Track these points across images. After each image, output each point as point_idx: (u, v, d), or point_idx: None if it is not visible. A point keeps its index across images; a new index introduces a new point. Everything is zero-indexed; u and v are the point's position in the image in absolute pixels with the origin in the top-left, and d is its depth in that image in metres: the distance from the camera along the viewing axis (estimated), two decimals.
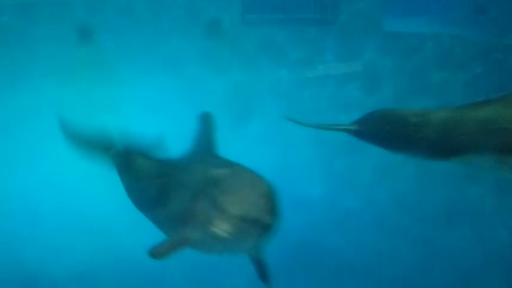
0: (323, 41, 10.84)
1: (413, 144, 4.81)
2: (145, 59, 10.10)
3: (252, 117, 9.97)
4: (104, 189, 6.80)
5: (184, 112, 6.21)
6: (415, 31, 10.97)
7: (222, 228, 3.78)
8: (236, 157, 4.52)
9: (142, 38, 10.36)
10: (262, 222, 3.68)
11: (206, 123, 5.42)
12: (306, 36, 10.90)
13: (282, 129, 8.43)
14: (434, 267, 7.89)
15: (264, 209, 3.72)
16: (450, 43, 10.62)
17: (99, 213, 7.96)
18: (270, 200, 3.80)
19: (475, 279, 7.57)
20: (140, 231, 5.37)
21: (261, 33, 10.70)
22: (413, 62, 10.54)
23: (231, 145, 5.10)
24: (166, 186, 4.85)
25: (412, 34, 10.83)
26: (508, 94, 4.46)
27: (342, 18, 10.93)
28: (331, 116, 9.58)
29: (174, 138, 5.12)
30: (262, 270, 4.84)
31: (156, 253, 4.11)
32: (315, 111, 10.17)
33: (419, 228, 8.68)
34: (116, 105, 9.28)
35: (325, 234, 8.38)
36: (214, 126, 5.37)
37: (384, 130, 4.96)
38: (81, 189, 8.45)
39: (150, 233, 4.80)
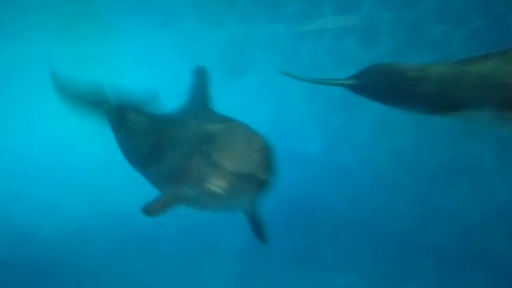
0: None
1: (411, 99, 4.75)
2: (139, 13, 9.94)
3: (248, 71, 9.86)
4: (97, 145, 6.76)
5: (179, 66, 6.11)
6: None
7: (217, 184, 3.73)
8: (231, 112, 4.45)
9: None
10: (257, 179, 3.63)
11: (201, 77, 5.35)
12: None
13: (278, 84, 8.37)
14: (431, 224, 7.92)
15: (259, 165, 3.66)
16: None
17: (92, 170, 7.94)
18: (266, 156, 3.74)
19: (473, 236, 7.60)
20: (134, 188, 5.33)
21: None
22: (412, 15, 10.36)
23: (226, 100, 5.03)
24: (160, 142, 4.79)
25: None
26: (508, 49, 4.39)
27: None
28: (328, 70, 9.47)
29: (168, 93, 5.05)
30: (258, 227, 4.83)
31: (150, 210, 4.08)
32: (311, 65, 10.04)
33: (416, 185, 8.67)
34: (110, 60, 9.17)
35: (322, 191, 8.39)
36: (208, 81, 5.29)
37: (382, 85, 4.89)
38: (74, 146, 8.41)
39: (144, 190, 4.76)
